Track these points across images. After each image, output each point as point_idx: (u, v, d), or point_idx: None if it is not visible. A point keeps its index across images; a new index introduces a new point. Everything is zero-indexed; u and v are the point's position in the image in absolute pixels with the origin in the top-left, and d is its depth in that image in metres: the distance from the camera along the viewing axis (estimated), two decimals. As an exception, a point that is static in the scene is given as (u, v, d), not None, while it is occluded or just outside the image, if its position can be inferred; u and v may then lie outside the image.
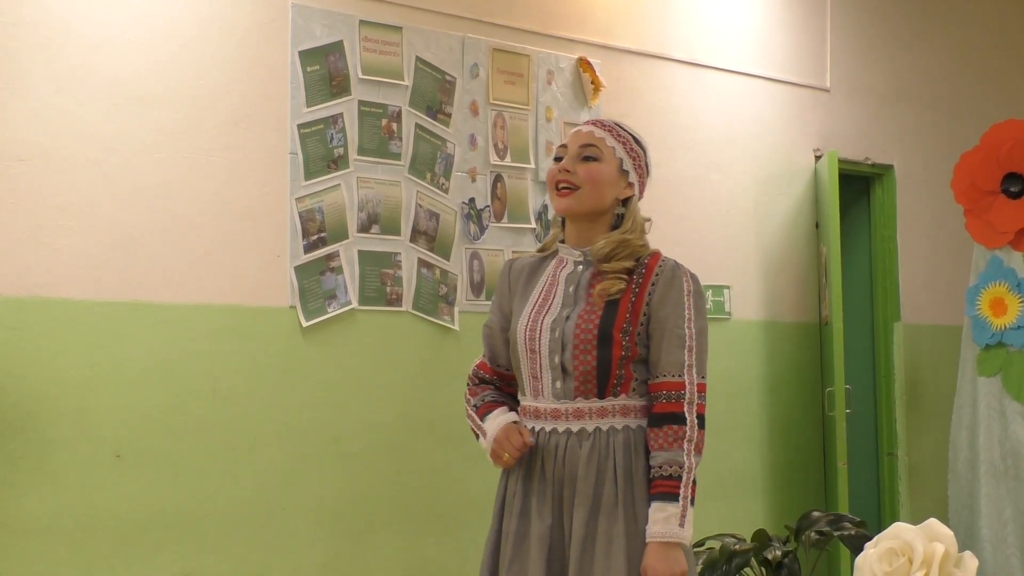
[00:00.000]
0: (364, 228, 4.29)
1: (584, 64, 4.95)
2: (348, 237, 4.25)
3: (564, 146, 2.96)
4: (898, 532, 2.94)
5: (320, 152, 4.19)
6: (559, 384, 2.85)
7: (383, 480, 4.28)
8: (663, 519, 2.73)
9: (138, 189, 3.82)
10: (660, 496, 2.75)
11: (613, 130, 2.95)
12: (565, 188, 2.89)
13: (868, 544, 3.04)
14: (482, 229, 4.60)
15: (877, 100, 6.19)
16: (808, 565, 4.50)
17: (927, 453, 6.15)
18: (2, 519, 3.52)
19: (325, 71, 4.22)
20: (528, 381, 2.90)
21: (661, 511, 2.73)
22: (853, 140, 6.04)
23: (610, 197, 2.91)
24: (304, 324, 4.13)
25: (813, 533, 4.45)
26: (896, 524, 2.98)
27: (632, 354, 2.82)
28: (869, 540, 3.10)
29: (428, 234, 4.45)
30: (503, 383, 3.03)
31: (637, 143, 2.97)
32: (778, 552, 4.37)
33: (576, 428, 2.84)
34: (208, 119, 3.98)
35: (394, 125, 4.38)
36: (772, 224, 5.68)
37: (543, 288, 2.95)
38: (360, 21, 4.32)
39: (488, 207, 4.63)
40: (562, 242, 2.98)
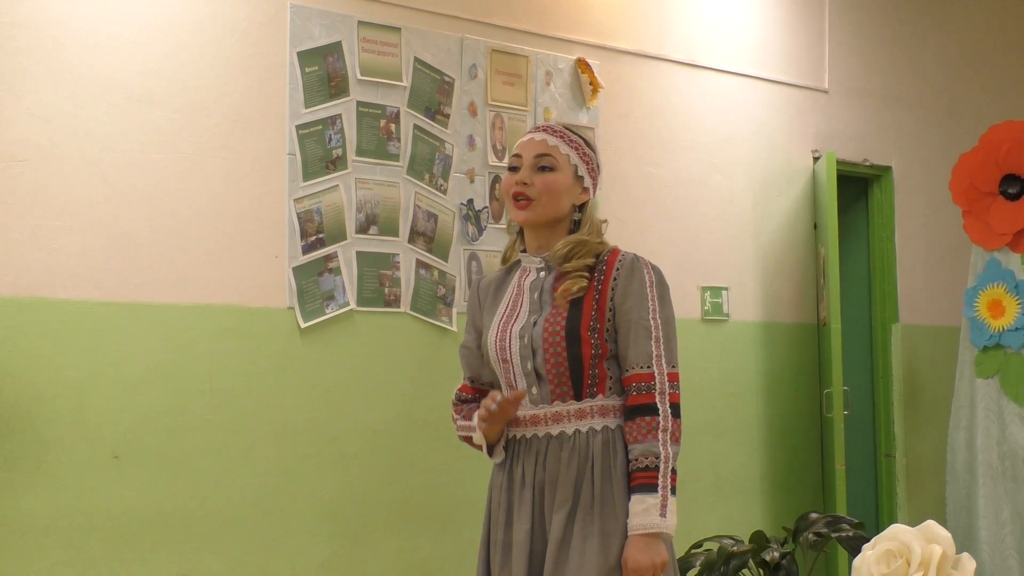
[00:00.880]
0: (362, 229, 4.29)
1: (582, 65, 4.95)
2: (346, 238, 4.25)
3: (518, 155, 2.95)
4: (896, 533, 2.93)
5: (318, 153, 4.19)
6: (535, 390, 2.87)
7: (381, 480, 4.29)
8: (643, 511, 2.74)
9: (136, 189, 3.82)
10: (639, 488, 2.76)
11: (565, 135, 2.96)
12: (523, 200, 2.90)
13: (866, 546, 3.04)
14: (480, 230, 4.60)
15: (875, 101, 6.19)
16: (806, 567, 4.50)
17: (925, 454, 6.15)
18: (0, 519, 3.52)
19: (324, 72, 4.22)
20: (506, 391, 2.93)
21: (640, 503, 2.75)
22: (851, 141, 6.04)
23: (567, 205, 2.93)
24: (302, 325, 4.13)
25: (811, 534, 4.46)
26: (894, 525, 2.97)
27: (603, 351, 2.84)
28: (867, 541, 3.10)
29: (426, 235, 4.45)
30: None
31: (588, 145, 2.99)
32: (776, 553, 4.37)
33: (556, 432, 2.86)
34: (207, 120, 3.98)
35: (392, 126, 4.38)
36: (770, 225, 5.68)
37: (509, 299, 2.97)
38: (359, 22, 4.32)
39: (486, 208, 4.63)
40: (523, 251, 3.00)
